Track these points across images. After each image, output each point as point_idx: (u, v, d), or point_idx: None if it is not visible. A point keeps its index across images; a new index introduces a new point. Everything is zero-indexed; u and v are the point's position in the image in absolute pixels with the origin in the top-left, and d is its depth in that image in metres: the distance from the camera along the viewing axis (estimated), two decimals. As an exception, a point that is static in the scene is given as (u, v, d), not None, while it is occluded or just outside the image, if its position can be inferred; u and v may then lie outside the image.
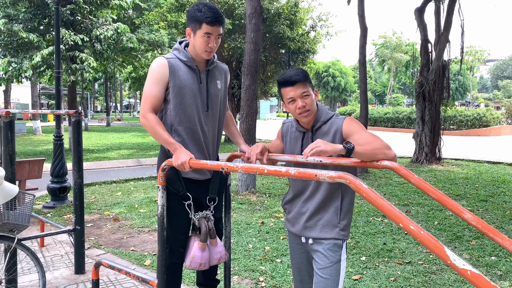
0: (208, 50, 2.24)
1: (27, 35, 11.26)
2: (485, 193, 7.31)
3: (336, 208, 2.05)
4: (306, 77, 2.03)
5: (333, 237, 2.02)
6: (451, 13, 10.59)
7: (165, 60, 2.25)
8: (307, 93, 2.02)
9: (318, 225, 2.05)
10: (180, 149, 2.08)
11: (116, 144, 16.87)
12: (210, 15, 2.17)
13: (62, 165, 6.30)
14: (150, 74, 2.26)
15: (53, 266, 3.91)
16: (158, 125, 2.17)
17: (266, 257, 4.20)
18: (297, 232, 2.12)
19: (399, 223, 1.32)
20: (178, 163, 2.01)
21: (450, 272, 3.85)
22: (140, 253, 4.36)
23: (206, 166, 1.95)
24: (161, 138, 2.16)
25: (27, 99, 41.06)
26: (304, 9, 17.01)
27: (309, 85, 2.05)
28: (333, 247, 2.02)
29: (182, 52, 2.30)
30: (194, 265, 2.23)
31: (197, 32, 2.21)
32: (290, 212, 2.19)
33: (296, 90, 2.01)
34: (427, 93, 10.89)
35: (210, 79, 2.35)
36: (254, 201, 6.59)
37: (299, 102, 2.01)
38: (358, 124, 2.02)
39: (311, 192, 2.09)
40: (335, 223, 2.04)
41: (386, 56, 51.97)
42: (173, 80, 2.24)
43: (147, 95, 2.24)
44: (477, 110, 25.95)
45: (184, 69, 2.27)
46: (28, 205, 3.05)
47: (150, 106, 2.21)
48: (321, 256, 2.03)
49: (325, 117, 2.08)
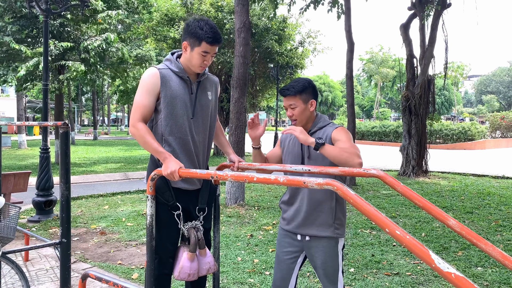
0: (202, 66, 2.29)
1: (19, 46, 11.19)
2: (471, 205, 7.41)
3: (331, 209, 2.24)
4: (296, 92, 2.25)
5: (328, 235, 2.23)
6: (435, 29, 10.87)
7: (157, 70, 2.27)
8: (294, 106, 2.27)
9: (314, 224, 2.24)
10: (169, 158, 2.07)
11: (103, 158, 16.70)
12: (212, 36, 2.20)
13: (48, 179, 6.22)
14: (142, 84, 2.26)
15: (37, 281, 3.83)
16: (148, 134, 2.17)
17: (255, 269, 4.18)
18: (293, 230, 2.30)
19: (385, 228, 1.34)
20: (168, 172, 2.01)
21: (437, 282, 3.88)
22: (128, 266, 4.30)
23: (195, 175, 1.96)
24: (151, 147, 2.15)
25: (12, 113, 40.51)
26: (292, 25, 17.28)
27: (300, 97, 2.27)
28: (329, 243, 2.24)
29: (174, 63, 2.32)
30: (183, 276, 2.21)
31: (195, 48, 2.23)
32: (286, 211, 2.37)
33: (286, 101, 2.30)
34: (413, 107, 11.08)
35: (201, 90, 2.37)
36: (243, 214, 6.57)
37: (288, 112, 2.31)
38: (346, 134, 2.22)
39: (306, 193, 2.26)
40: (330, 223, 2.23)
41: (373, 71, 52.82)
42: (165, 90, 2.25)
43: (137, 105, 2.23)
44: (462, 124, 26.43)
45: (176, 79, 2.29)
46: (13, 218, 3.00)
47: (140, 115, 2.21)
48: (318, 251, 2.25)
49: (321, 124, 2.32)
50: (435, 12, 10.94)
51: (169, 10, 16.39)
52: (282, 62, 17.12)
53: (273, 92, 19.64)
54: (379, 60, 51.86)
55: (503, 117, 28.34)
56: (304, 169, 2.13)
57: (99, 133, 38.56)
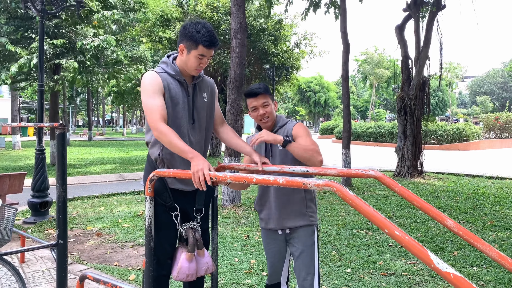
0: (198, 69, 2.29)
1: (14, 48, 11.13)
2: (465, 206, 7.46)
3: (302, 199, 2.40)
4: (266, 90, 2.43)
5: (305, 224, 2.39)
6: (430, 31, 10.94)
7: (157, 73, 2.27)
8: (267, 103, 2.42)
9: (290, 216, 2.40)
10: (197, 157, 2.01)
11: (98, 158, 16.64)
12: (208, 39, 2.21)
13: (43, 180, 6.19)
14: (147, 87, 2.22)
15: (34, 283, 3.81)
16: (173, 134, 2.10)
17: (252, 270, 4.18)
18: (273, 227, 2.44)
19: (384, 228, 1.36)
20: (195, 170, 1.94)
21: (433, 282, 3.90)
22: (124, 268, 4.29)
23: (225, 178, 1.88)
24: (176, 147, 2.08)
25: (6, 114, 40.27)
26: (287, 26, 17.31)
27: (269, 96, 2.44)
28: (306, 232, 2.40)
29: (170, 65, 2.32)
30: (181, 276, 2.22)
31: (192, 51, 2.23)
32: (262, 211, 2.51)
33: (259, 100, 2.41)
34: (408, 108, 11.14)
35: (197, 92, 2.38)
36: (239, 215, 6.57)
37: (260, 110, 2.41)
38: (305, 130, 2.40)
39: (275, 190, 2.41)
40: (303, 212, 2.40)
41: (368, 72, 53.01)
42: (167, 92, 2.25)
43: (152, 107, 2.18)
44: (457, 125, 26.58)
45: (174, 82, 2.30)
46: (10, 219, 3.00)
47: (160, 116, 2.15)
48: (297, 242, 2.40)
49: (281, 123, 2.47)
50: (430, 14, 11.01)
51: (164, 11, 16.37)
52: (278, 63, 17.15)
53: (268, 93, 19.68)
54: (374, 61, 52.06)
55: (497, 118, 28.53)
56: (302, 170, 2.14)
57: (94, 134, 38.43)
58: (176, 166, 2.30)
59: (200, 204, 2.37)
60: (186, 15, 16.17)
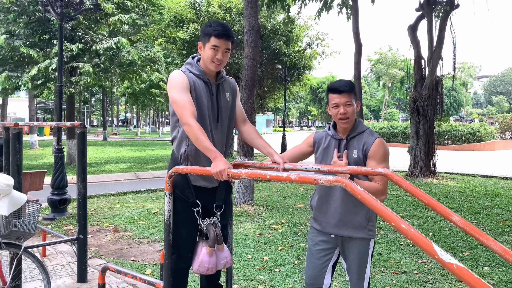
0: (215, 62, 2.36)
1: (28, 50, 11.43)
2: (478, 206, 7.44)
3: (366, 211, 2.30)
4: (352, 88, 2.30)
5: (362, 237, 2.33)
6: (443, 30, 10.89)
7: (183, 73, 2.38)
8: (350, 103, 2.29)
9: (349, 225, 2.32)
10: (219, 158, 2.09)
11: (113, 158, 16.92)
12: (218, 29, 2.33)
13: (62, 177, 6.38)
14: (174, 84, 2.32)
15: (55, 275, 3.97)
16: (201, 132, 2.18)
17: (265, 267, 4.28)
18: (327, 231, 2.38)
19: (391, 222, 1.44)
20: (217, 171, 2.03)
21: (444, 281, 3.95)
22: (141, 262, 4.42)
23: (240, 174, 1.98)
24: (202, 145, 2.17)
25: (23, 113, 41.11)
26: (300, 26, 17.35)
27: (354, 96, 2.31)
28: (361, 245, 2.34)
29: (194, 66, 2.43)
30: (202, 270, 2.32)
31: (206, 44, 2.36)
32: (318, 212, 2.43)
33: (341, 98, 2.28)
34: (421, 108, 11.10)
35: (220, 92, 2.48)
36: (252, 213, 6.67)
37: (341, 109, 2.28)
38: (383, 153, 2.29)
39: (341, 195, 2.32)
40: (364, 225, 2.32)
41: (381, 71, 52.62)
42: (193, 91, 2.35)
43: (183, 103, 2.26)
44: (471, 125, 26.27)
45: (198, 81, 2.40)
46: (34, 214, 3.14)
47: (190, 112, 2.24)
48: (351, 252, 2.35)
49: (360, 129, 2.35)
50: (443, 13, 10.96)
51: (178, 12, 16.57)
52: (290, 64, 17.20)
53: (281, 93, 19.71)
54: (388, 61, 51.64)
55: (513, 118, 28.10)
56: (313, 168, 2.22)
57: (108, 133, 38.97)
58: (201, 164, 2.38)
59: (220, 200, 2.47)
60: (199, 16, 16.35)
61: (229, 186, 2.53)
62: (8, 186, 2.85)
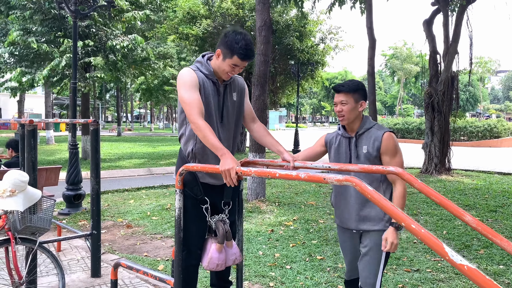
0: (229, 75, 2.41)
1: (39, 45, 11.58)
2: (494, 204, 7.31)
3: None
4: (350, 89, 2.39)
5: (380, 229, 2.38)
6: (459, 25, 10.68)
7: (193, 71, 2.39)
8: (345, 102, 2.39)
9: (366, 219, 2.40)
10: (227, 155, 2.10)
11: (127, 153, 17.12)
12: (244, 52, 2.31)
13: (77, 173, 6.48)
14: (184, 82, 2.33)
15: (70, 270, 4.04)
16: (208, 130, 2.20)
17: (276, 263, 4.28)
18: (347, 227, 2.48)
19: (401, 222, 1.42)
20: (225, 169, 2.04)
21: (458, 280, 3.90)
22: (154, 258, 4.47)
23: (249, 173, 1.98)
24: (210, 143, 2.18)
25: (40, 109, 41.82)
26: (313, 21, 17.22)
27: (353, 96, 2.39)
28: (379, 236, 2.38)
29: (204, 65, 2.43)
30: (211, 266, 2.34)
31: (227, 60, 2.34)
32: (337, 209, 2.55)
33: (338, 97, 2.42)
34: (436, 104, 10.93)
35: (227, 92, 2.49)
36: (263, 210, 6.68)
37: (337, 107, 2.43)
38: (394, 146, 2.39)
39: (354, 190, 2.38)
40: (381, 216, 2.39)
41: (396, 67, 51.98)
42: (201, 90, 2.37)
43: (191, 101, 2.27)
44: (488, 121, 25.79)
45: (207, 81, 2.41)
46: (49, 210, 3.20)
47: (199, 111, 2.26)
48: (368, 242, 2.42)
49: (368, 125, 2.45)
50: (459, 8, 10.75)
51: (191, 8, 16.60)
52: (303, 59, 17.10)
53: (293, 89, 19.63)
54: (403, 56, 50.96)
55: (532, 113, 27.48)
56: (324, 166, 2.21)
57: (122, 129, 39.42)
58: (208, 162, 2.40)
59: (228, 197, 2.49)
60: (212, 13, 16.35)
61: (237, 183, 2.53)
62: (23, 182, 2.91)
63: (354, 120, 2.41)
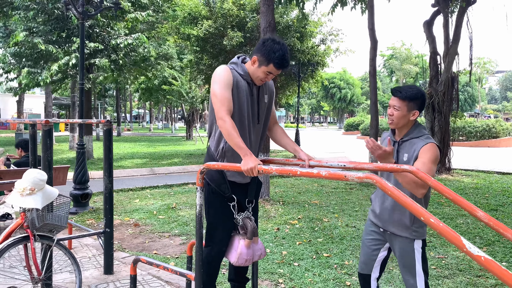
0: (262, 81, 2.49)
1: (46, 46, 11.64)
2: (495, 203, 7.42)
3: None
4: (406, 97, 2.36)
5: (406, 236, 2.40)
6: (459, 26, 10.79)
7: (229, 69, 2.46)
8: (397, 109, 2.39)
9: (395, 223, 2.43)
10: (249, 155, 2.18)
11: (128, 153, 17.17)
12: (280, 62, 2.39)
13: (84, 173, 6.55)
14: (219, 78, 2.40)
15: (82, 267, 4.11)
16: (234, 129, 2.28)
17: (284, 261, 4.37)
18: (377, 223, 2.53)
19: (421, 216, 1.51)
20: (247, 168, 2.12)
21: (462, 276, 3.99)
22: (163, 256, 4.55)
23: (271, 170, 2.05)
24: (233, 141, 2.26)
25: (39, 110, 41.79)
26: (313, 22, 17.31)
27: (407, 104, 2.37)
28: (405, 244, 2.41)
29: (240, 66, 2.51)
30: (240, 262, 2.43)
31: (263, 67, 2.42)
32: (375, 205, 2.58)
33: (392, 101, 2.43)
34: (436, 104, 11.04)
35: (260, 94, 2.57)
36: (268, 209, 6.77)
37: (388, 110, 2.46)
38: (430, 155, 2.28)
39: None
40: (408, 225, 2.38)
41: (395, 67, 52.14)
42: (236, 89, 2.44)
43: (222, 98, 2.35)
44: (486, 121, 25.92)
45: (242, 81, 2.48)
46: (65, 208, 3.27)
47: (227, 109, 2.34)
48: (396, 247, 2.46)
49: (415, 135, 2.42)
50: (459, 9, 10.86)
51: (192, 9, 16.66)
52: (304, 60, 17.19)
53: (294, 90, 19.72)
54: (403, 56, 51.12)
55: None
56: (339, 164, 2.30)
57: (122, 129, 39.42)
58: (238, 161, 2.48)
59: (252, 195, 2.58)
60: (213, 13, 16.42)
61: (259, 182, 2.63)
62: (42, 181, 2.99)
63: (403, 126, 2.42)
